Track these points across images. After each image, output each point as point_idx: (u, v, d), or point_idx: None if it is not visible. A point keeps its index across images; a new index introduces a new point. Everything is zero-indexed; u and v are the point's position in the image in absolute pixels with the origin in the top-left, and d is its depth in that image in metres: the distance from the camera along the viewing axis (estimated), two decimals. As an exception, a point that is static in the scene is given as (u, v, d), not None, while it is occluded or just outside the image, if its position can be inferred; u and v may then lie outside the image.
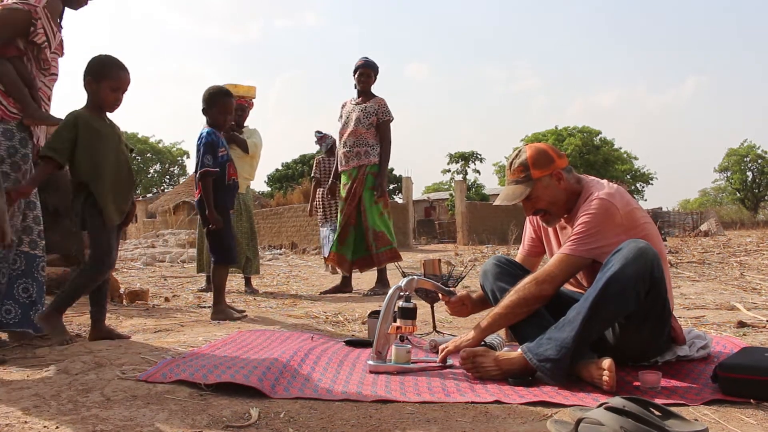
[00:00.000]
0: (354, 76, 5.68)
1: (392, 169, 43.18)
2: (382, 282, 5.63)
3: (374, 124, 5.56)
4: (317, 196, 8.79)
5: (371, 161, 5.54)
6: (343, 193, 5.69)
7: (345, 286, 5.72)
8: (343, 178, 5.71)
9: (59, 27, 3.19)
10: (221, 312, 3.90)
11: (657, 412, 1.68)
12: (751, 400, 1.92)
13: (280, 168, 44.45)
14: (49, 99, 3.21)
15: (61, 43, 3.22)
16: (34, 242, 3.09)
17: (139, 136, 58.85)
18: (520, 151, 2.51)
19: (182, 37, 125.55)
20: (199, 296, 5.42)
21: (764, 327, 3.30)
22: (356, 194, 5.56)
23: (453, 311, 2.72)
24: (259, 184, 56.31)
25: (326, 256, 9.44)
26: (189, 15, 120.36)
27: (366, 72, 5.64)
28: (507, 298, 2.38)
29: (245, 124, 5.98)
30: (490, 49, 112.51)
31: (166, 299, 5.29)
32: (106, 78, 3.01)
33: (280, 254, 14.52)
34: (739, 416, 1.81)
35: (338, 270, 9.69)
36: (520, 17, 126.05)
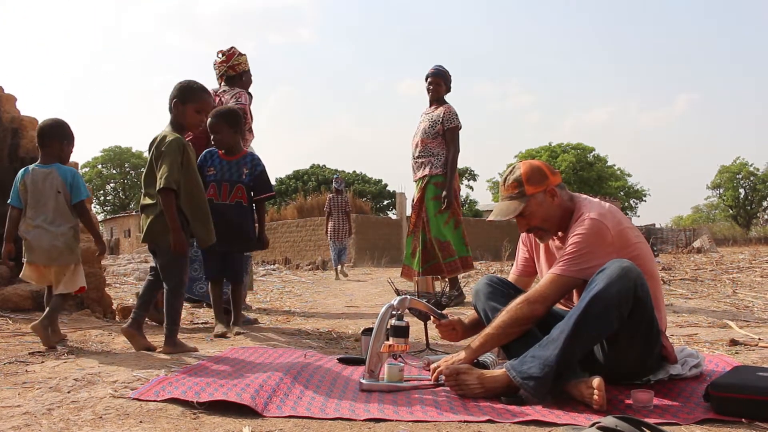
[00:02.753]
0: (426, 84, 5.78)
1: (386, 185, 43.25)
2: (454, 286, 5.54)
3: (440, 133, 5.60)
4: (328, 222, 11.46)
5: (433, 172, 5.60)
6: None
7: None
8: (415, 189, 5.81)
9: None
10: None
11: (649, 432, 1.69)
12: (743, 420, 1.92)
13: (273, 183, 44.42)
14: None
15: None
16: None
17: (134, 150, 58.82)
18: (514, 167, 2.53)
19: (176, 54, 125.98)
20: (192, 312, 5.39)
21: (756, 345, 3.31)
22: (418, 205, 5.67)
23: (443, 335, 2.72)
24: (253, 199, 56.05)
25: (335, 268, 11.51)
26: (183, 33, 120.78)
27: (435, 81, 5.74)
28: (499, 318, 2.38)
29: None
30: (483, 66, 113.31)
31: (159, 315, 5.26)
32: (192, 101, 3.30)
33: (274, 270, 14.47)
34: (731, 436, 1.82)
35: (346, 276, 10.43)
36: (512, 35, 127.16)
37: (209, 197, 3.86)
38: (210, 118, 3.86)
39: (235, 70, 4.87)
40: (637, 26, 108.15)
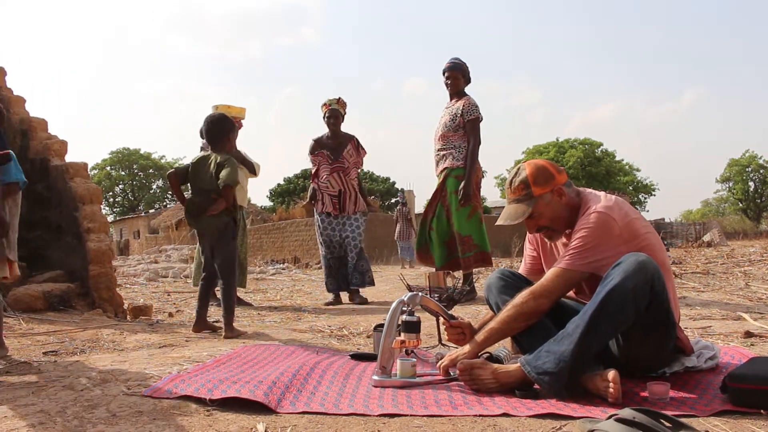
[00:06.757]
0: (443, 79, 5.72)
1: (394, 183, 43.22)
2: (467, 281, 5.57)
3: (461, 125, 5.55)
4: (396, 227, 15.77)
5: (454, 164, 5.54)
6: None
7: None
8: (437, 182, 5.77)
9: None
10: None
11: (667, 424, 1.67)
12: (762, 411, 1.90)
13: (282, 183, 44.50)
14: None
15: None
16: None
17: (142, 152, 59.05)
18: (519, 168, 2.48)
19: (182, 57, 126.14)
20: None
21: (771, 337, 3.28)
22: (436, 197, 5.65)
23: (450, 337, 2.68)
24: (261, 198, 56.43)
25: (402, 262, 15.52)
26: (189, 36, 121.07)
27: (453, 74, 5.66)
28: (504, 312, 2.36)
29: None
30: (489, 64, 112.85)
31: (170, 314, 5.28)
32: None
33: (283, 269, 14.50)
34: (751, 427, 1.79)
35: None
36: (518, 31, 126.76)
37: None
38: None
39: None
40: (643, 21, 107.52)
